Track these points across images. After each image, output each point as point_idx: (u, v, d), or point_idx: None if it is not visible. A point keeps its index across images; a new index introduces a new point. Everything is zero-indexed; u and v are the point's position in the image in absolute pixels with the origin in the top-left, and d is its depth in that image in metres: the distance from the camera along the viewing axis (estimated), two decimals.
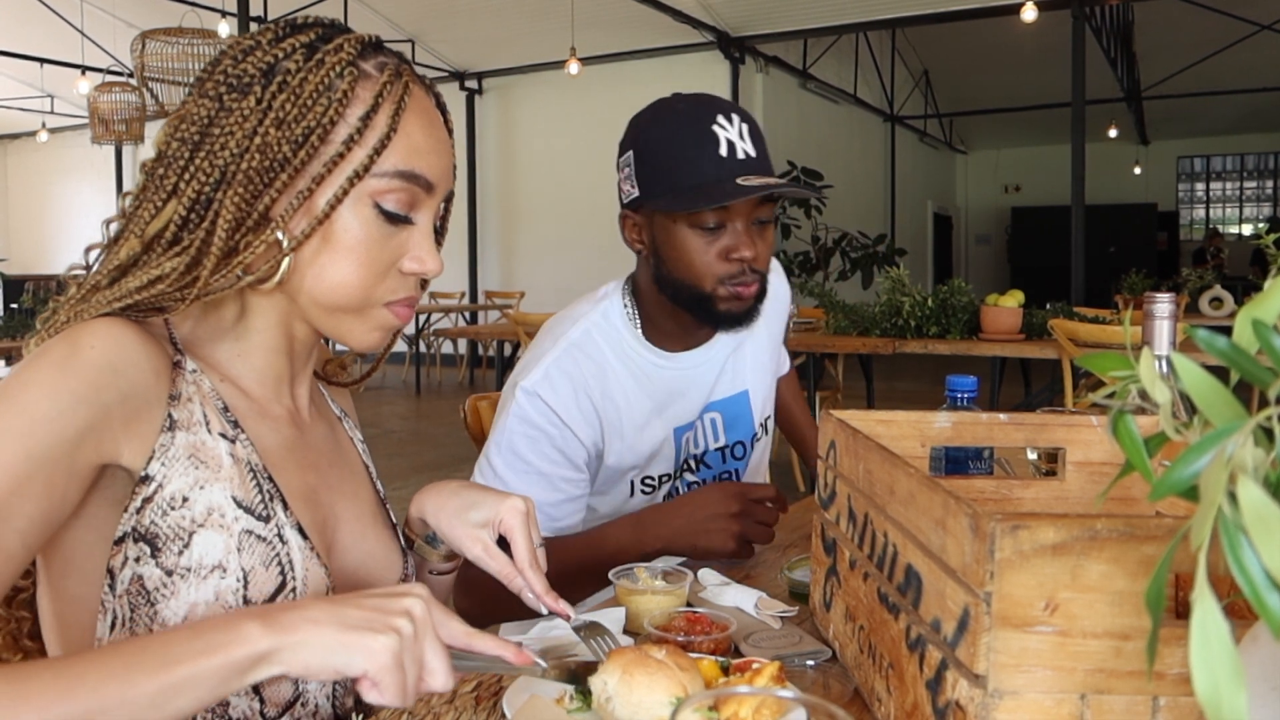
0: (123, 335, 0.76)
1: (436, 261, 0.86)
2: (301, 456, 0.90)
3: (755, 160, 1.30)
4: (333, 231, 0.81)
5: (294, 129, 0.79)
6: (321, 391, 1.02)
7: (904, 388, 8.65)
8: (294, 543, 0.83)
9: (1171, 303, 0.99)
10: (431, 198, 0.85)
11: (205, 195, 0.79)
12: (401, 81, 0.83)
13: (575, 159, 10.78)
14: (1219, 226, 16.72)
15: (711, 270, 1.32)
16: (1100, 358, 0.57)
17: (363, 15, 9.39)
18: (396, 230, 0.83)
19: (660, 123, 1.33)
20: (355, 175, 0.80)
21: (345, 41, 0.82)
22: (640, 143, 1.34)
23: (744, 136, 1.30)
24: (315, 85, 0.79)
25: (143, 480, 0.77)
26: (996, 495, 1.04)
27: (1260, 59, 11.19)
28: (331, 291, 0.82)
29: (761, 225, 1.34)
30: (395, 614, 0.67)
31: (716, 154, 1.27)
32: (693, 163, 1.28)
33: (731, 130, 1.29)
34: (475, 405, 1.74)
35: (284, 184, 0.79)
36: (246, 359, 0.87)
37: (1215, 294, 5.91)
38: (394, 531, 0.99)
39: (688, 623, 0.98)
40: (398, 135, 0.81)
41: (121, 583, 0.78)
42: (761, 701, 0.69)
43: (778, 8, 9.34)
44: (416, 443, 6.77)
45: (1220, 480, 0.42)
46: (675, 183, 1.29)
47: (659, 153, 1.32)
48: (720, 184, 1.27)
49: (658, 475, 1.47)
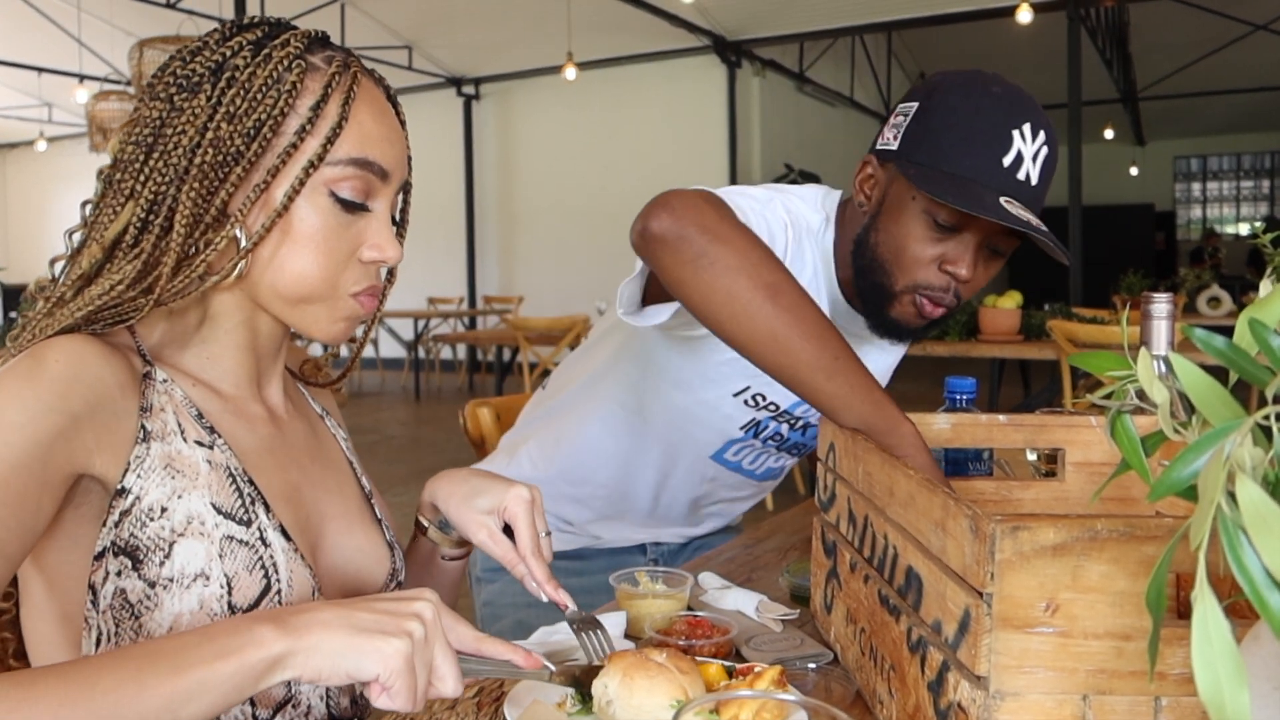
0: (85, 350, 0.76)
1: (396, 249, 0.86)
2: (282, 455, 0.90)
3: (1032, 189, 1.17)
4: (290, 225, 0.81)
5: (245, 122, 0.79)
6: (300, 391, 1.02)
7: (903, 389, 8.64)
8: (277, 545, 0.83)
9: (1169, 303, 0.99)
10: (387, 186, 0.86)
11: (161, 195, 0.79)
12: (350, 72, 0.83)
13: (573, 163, 10.79)
14: (1216, 226, 16.74)
15: (916, 270, 1.20)
16: (1097, 357, 0.57)
17: (360, 22, 9.40)
18: (354, 219, 0.84)
19: (965, 95, 1.18)
20: (310, 165, 0.80)
21: (292, 37, 0.83)
22: (932, 101, 1.20)
23: (1035, 159, 1.17)
24: (264, 79, 0.80)
25: (119, 493, 0.77)
26: (996, 496, 1.04)
27: (1256, 59, 11.20)
28: (293, 283, 0.83)
29: (992, 254, 1.22)
30: (407, 617, 0.67)
31: (1000, 160, 1.15)
32: (972, 154, 1.15)
33: (1028, 147, 1.16)
34: (475, 410, 1.74)
35: (239, 178, 0.79)
36: (216, 361, 0.87)
37: (1213, 294, 5.92)
38: (381, 527, 0.99)
39: (689, 626, 0.98)
40: (350, 123, 0.82)
41: (104, 598, 0.77)
42: (763, 705, 0.69)
43: (774, 11, 9.36)
44: (416, 448, 6.77)
45: (1219, 479, 0.42)
46: (942, 160, 1.16)
47: (945, 122, 1.18)
48: (985, 191, 1.13)
49: (769, 399, 1.35)
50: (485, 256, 11.60)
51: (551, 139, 11.03)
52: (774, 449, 1.46)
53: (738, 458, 1.47)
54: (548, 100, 10.94)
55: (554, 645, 0.97)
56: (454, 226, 11.47)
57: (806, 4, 9.22)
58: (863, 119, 13.06)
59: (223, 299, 0.85)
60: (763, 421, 1.40)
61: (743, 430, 1.41)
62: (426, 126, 11.27)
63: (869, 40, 12.13)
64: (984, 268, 1.22)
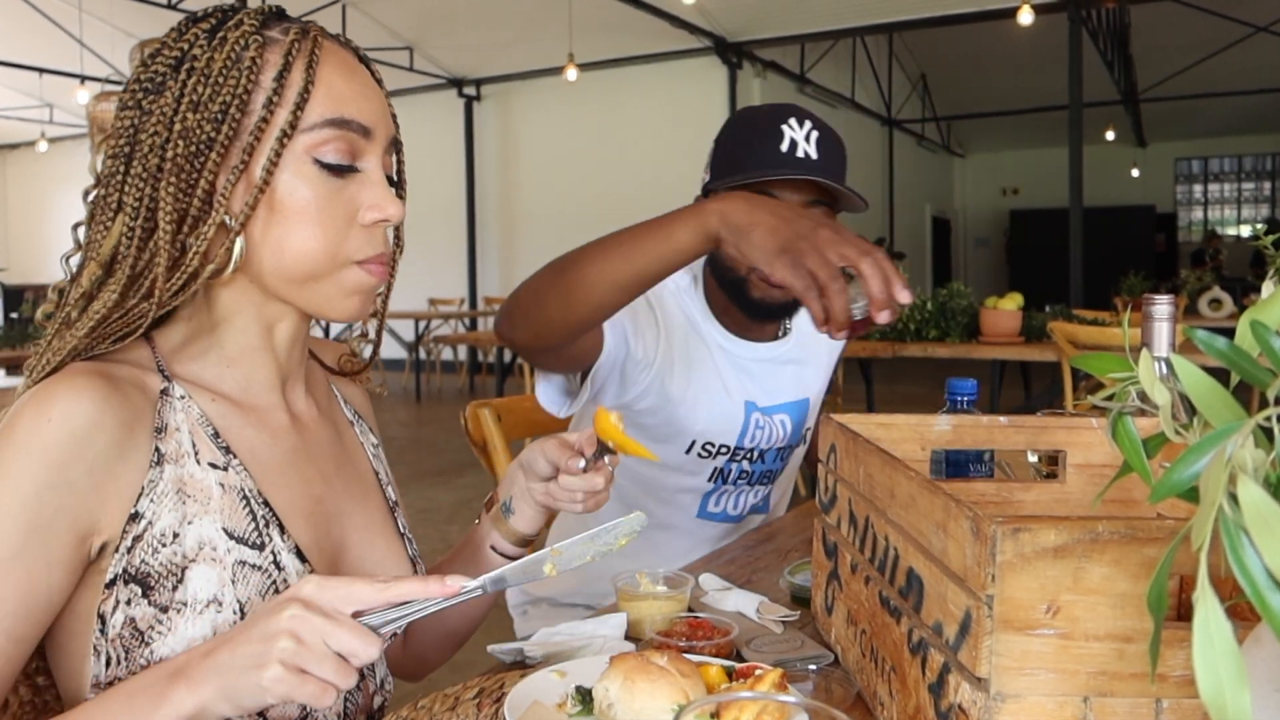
0: (83, 394, 0.74)
1: (396, 206, 0.84)
2: (304, 467, 0.89)
3: (814, 162, 1.38)
4: (279, 200, 0.80)
5: (211, 108, 0.78)
6: (335, 393, 1.01)
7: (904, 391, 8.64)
8: (291, 568, 0.82)
9: (1170, 304, 0.99)
10: (372, 143, 0.84)
11: (146, 199, 0.79)
12: (310, 37, 0.82)
13: (574, 165, 10.80)
14: (1217, 228, 16.73)
15: None
16: (1099, 359, 0.57)
17: (360, 23, 9.41)
18: (345, 182, 0.82)
19: (740, 118, 1.48)
20: (284, 135, 0.79)
21: (245, 17, 0.82)
22: (720, 135, 1.48)
23: (809, 140, 1.39)
24: (223, 62, 0.79)
25: (133, 518, 0.76)
26: (997, 498, 1.04)
27: (1257, 60, 11.21)
28: (296, 261, 0.81)
29: None
30: (274, 638, 0.67)
31: (778, 148, 1.37)
32: (755, 152, 1.39)
33: (798, 132, 1.39)
34: (476, 412, 1.74)
35: (216, 164, 0.79)
36: (235, 367, 0.86)
37: (1214, 295, 5.92)
38: (404, 542, 0.98)
39: (689, 628, 0.98)
40: (317, 86, 0.80)
41: (113, 626, 0.76)
42: (763, 707, 0.69)
43: (775, 12, 9.37)
44: (417, 449, 6.77)
45: (1220, 481, 0.42)
46: (737, 168, 1.41)
47: (731, 141, 1.45)
48: (769, 173, 1.36)
49: (718, 444, 1.51)
50: (486, 257, 11.61)
51: (552, 140, 11.04)
52: (746, 485, 1.58)
53: (720, 507, 1.59)
54: (549, 101, 10.95)
55: (554, 645, 0.97)
56: (455, 227, 11.48)
57: (807, 5, 9.22)
58: (864, 120, 13.07)
59: (229, 296, 0.84)
60: (723, 466, 1.54)
61: (711, 481, 1.55)
62: (427, 127, 11.29)
63: (870, 41, 12.14)
64: None
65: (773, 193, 1.36)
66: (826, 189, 1.39)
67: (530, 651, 0.97)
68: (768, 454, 1.57)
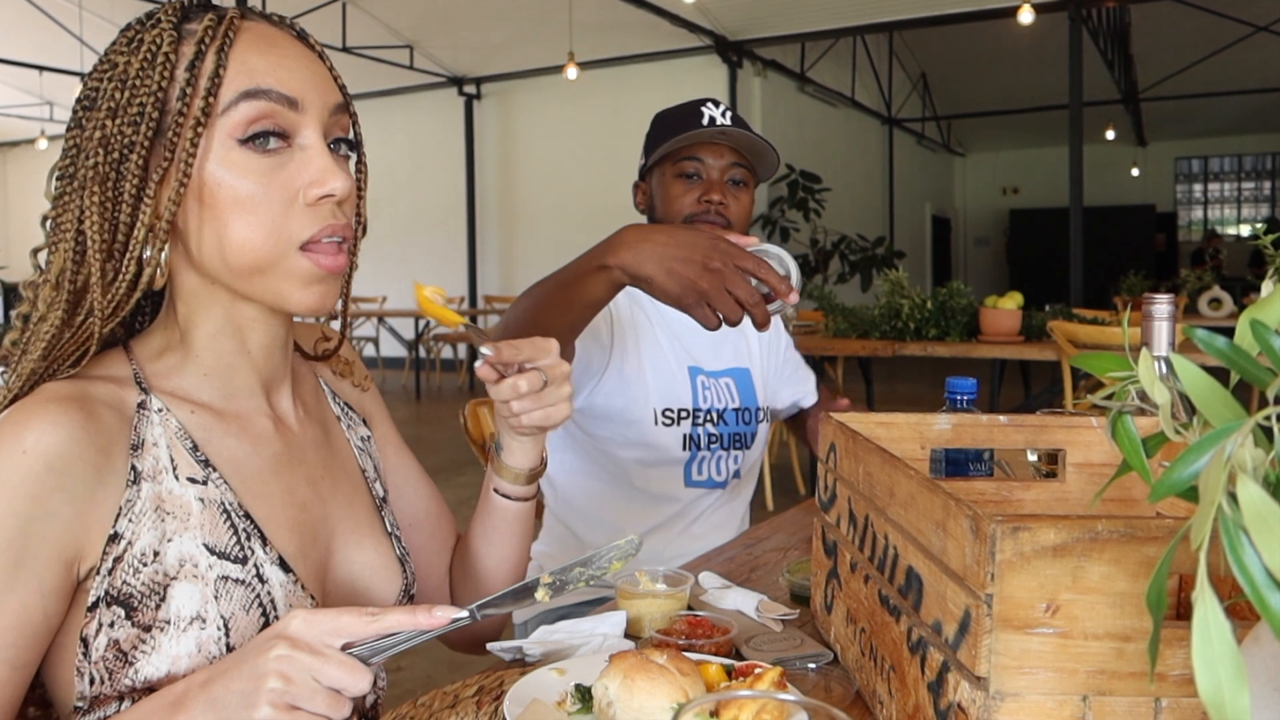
0: (59, 424, 0.73)
1: (340, 178, 0.79)
2: (288, 473, 0.88)
3: (731, 129, 1.59)
4: (209, 193, 0.77)
5: (129, 111, 0.77)
6: (324, 389, 1.00)
7: (904, 390, 8.65)
8: (275, 580, 0.81)
9: (1170, 304, 0.99)
10: (304, 115, 0.79)
11: (78, 213, 0.77)
12: (225, 21, 0.79)
13: (574, 163, 10.79)
14: (1217, 227, 16.74)
15: (683, 209, 1.61)
16: (1099, 358, 0.57)
17: (361, 21, 9.40)
18: (278, 162, 0.78)
19: (667, 109, 1.71)
20: (198, 124, 0.76)
21: (161, 14, 0.80)
22: (651, 125, 1.71)
23: (724, 116, 1.61)
24: (140, 64, 0.77)
25: (112, 539, 0.75)
26: (997, 497, 1.04)
27: (1257, 60, 11.20)
28: (238, 253, 0.78)
29: (735, 185, 1.63)
30: (262, 677, 0.67)
31: (698, 121, 1.61)
32: (679, 130, 1.61)
33: (715, 111, 1.62)
34: (475, 410, 1.74)
35: (139, 167, 0.77)
36: (212, 376, 0.85)
37: (1214, 295, 5.92)
38: (391, 540, 0.96)
39: (689, 626, 0.98)
40: (229, 66, 0.77)
41: (96, 649, 0.76)
42: (762, 705, 0.69)
43: (775, 11, 9.36)
44: (416, 447, 6.69)
45: (1220, 480, 0.42)
46: (663, 141, 1.63)
47: (658, 127, 1.68)
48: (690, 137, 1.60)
49: (676, 409, 1.64)
50: (486, 256, 11.60)
51: (552, 139, 11.03)
52: (721, 450, 1.69)
53: (704, 474, 1.69)
54: (549, 100, 10.95)
55: (553, 643, 0.97)
56: (455, 226, 11.47)
57: (808, 4, 9.22)
58: (864, 119, 13.07)
59: (193, 302, 0.83)
60: (690, 432, 1.65)
61: (685, 450, 1.65)
62: (427, 126, 11.29)
63: (870, 41, 12.14)
64: (733, 196, 1.63)
65: (699, 156, 1.61)
66: (743, 152, 1.62)
67: (529, 649, 0.97)
68: (726, 414, 1.69)
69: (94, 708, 0.77)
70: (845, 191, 11.38)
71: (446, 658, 3.01)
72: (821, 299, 4.87)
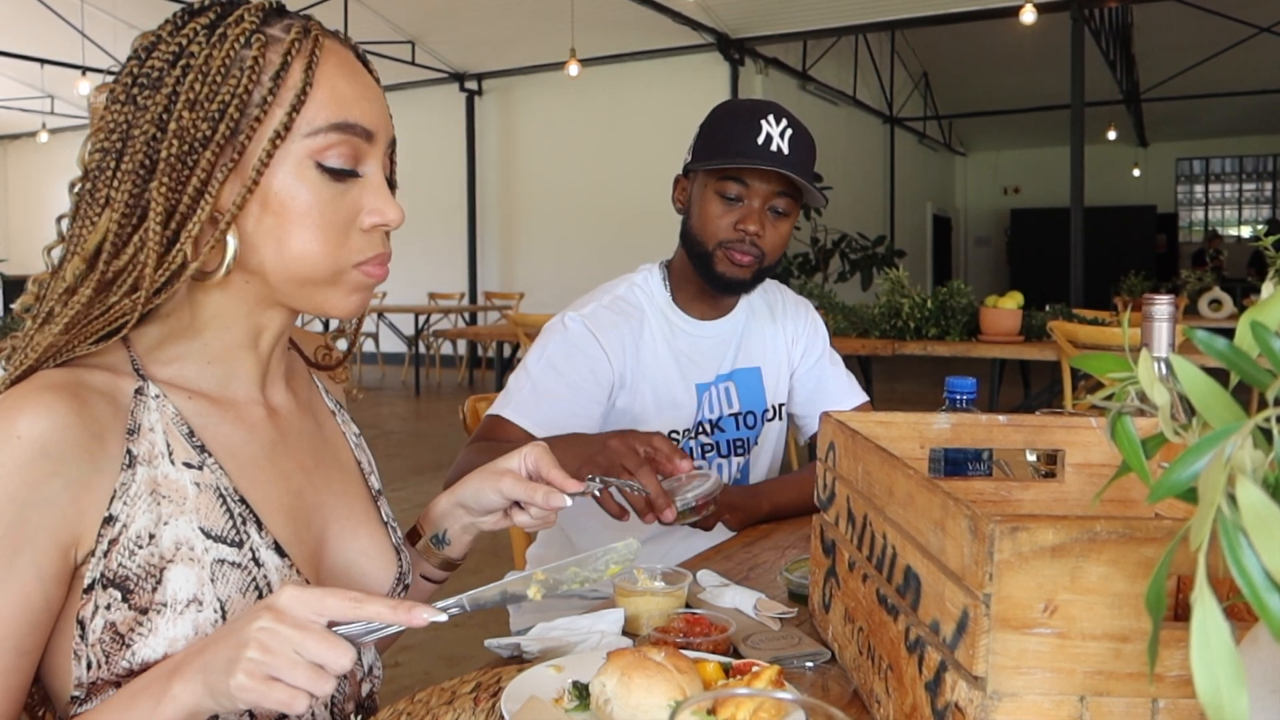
0: (53, 409, 0.74)
1: (396, 211, 0.84)
2: (283, 460, 0.89)
3: (785, 157, 1.52)
4: (279, 202, 0.79)
5: (209, 106, 0.77)
6: (316, 384, 1.01)
7: (903, 389, 8.65)
8: (270, 564, 0.82)
9: (1170, 304, 0.99)
10: (374, 147, 0.83)
11: (136, 195, 0.78)
12: (311, 36, 0.81)
13: (575, 160, 10.78)
14: (1218, 228, 16.73)
15: (718, 232, 1.56)
16: (1098, 359, 0.57)
17: (362, 16, 9.39)
18: (346, 187, 0.82)
19: (725, 108, 1.63)
20: (277, 135, 0.78)
21: (246, 12, 0.81)
22: (705, 121, 1.62)
23: (783, 136, 1.53)
24: (222, 60, 0.78)
25: (107, 521, 0.76)
26: (995, 497, 1.04)
27: (1259, 61, 11.19)
28: (298, 263, 0.81)
29: (776, 215, 1.57)
30: (243, 646, 0.68)
31: (755, 139, 1.52)
32: (734, 140, 1.54)
33: (774, 128, 1.53)
34: (475, 406, 1.74)
35: (209, 163, 0.77)
36: (217, 363, 0.86)
37: (1214, 296, 5.91)
38: (387, 530, 0.98)
39: (687, 624, 0.98)
40: (318, 89, 0.79)
41: (93, 631, 0.76)
42: (760, 703, 0.69)
43: (777, 9, 9.35)
44: (415, 444, 6.77)
45: (1219, 481, 0.42)
46: (716, 153, 1.56)
47: (713, 128, 1.59)
48: (745, 161, 1.52)
49: (681, 430, 1.63)
50: (486, 252, 11.59)
51: (554, 135, 11.02)
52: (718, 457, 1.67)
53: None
54: (550, 96, 10.93)
55: (551, 640, 0.98)
56: (455, 222, 11.46)
57: (810, 2, 9.21)
58: (866, 118, 13.06)
59: (222, 297, 0.83)
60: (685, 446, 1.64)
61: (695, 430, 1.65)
62: (428, 122, 11.27)
63: (872, 39, 12.13)
64: (771, 226, 1.58)
65: (745, 180, 1.54)
66: (793, 181, 1.54)
67: (527, 646, 0.97)
68: (722, 421, 1.68)
69: (91, 695, 0.77)
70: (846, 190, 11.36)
71: (444, 654, 3.01)
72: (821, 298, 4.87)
